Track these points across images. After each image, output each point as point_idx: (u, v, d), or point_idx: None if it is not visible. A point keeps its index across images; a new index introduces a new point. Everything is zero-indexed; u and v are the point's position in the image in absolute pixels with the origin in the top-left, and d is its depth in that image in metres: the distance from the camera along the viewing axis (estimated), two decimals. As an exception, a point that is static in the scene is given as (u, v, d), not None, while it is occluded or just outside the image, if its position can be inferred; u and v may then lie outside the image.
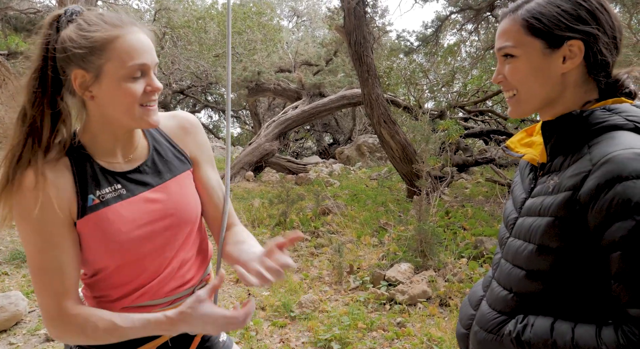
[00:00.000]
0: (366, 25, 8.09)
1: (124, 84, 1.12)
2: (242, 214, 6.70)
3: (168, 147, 1.33)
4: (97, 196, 1.18)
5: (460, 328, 1.26)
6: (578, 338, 0.94)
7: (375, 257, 5.00)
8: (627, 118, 1.01)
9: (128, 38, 1.13)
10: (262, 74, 12.68)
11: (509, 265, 1.12)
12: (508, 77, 1.12)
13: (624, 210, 0.89)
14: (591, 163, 0.96)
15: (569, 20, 1.05)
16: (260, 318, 3.84)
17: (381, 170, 10.95)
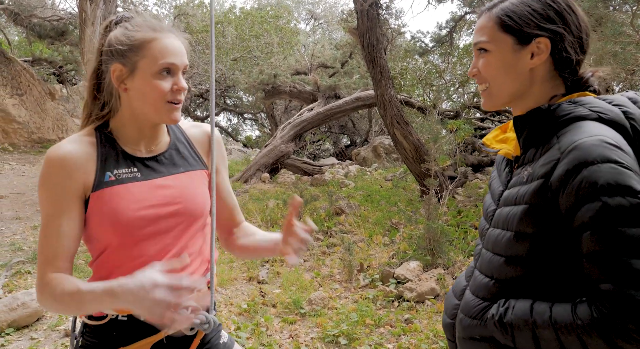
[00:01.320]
0: (379, 27, 8.15)
1: (153, 80, 1.28)
2: (256, 215, 6.81)
3: (187, 148, 1.46)
4: (114, 174, 1.30)
5: (446, 318, 1.31)
6: (555, 316, 1.00)
7: (386, 256, 5.07)
8: (591, 109, 1.09)
9: (163, 41, 1.30)
10: (278, 77, 12.80)
11: (490, 253, 1.18)
12: (481, 71, 1.20)
13: (591, 193, 0.96)
14: (560, 151, 1.03)
15: (538, 19, 1.13)
16: (271, 314, 3.94)
17: (397, 171, 10.98)
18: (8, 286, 4.61)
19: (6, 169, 11.11)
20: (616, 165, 0.96)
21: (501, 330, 1.08)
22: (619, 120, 1.08)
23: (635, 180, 0.95)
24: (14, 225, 6.93)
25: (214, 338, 1.52)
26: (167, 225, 1.35)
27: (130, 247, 1.31)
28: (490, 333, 1.12)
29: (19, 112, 13.27)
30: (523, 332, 1.04)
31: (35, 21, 14.06)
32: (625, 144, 1.03)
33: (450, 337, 1.29)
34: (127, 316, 1.35)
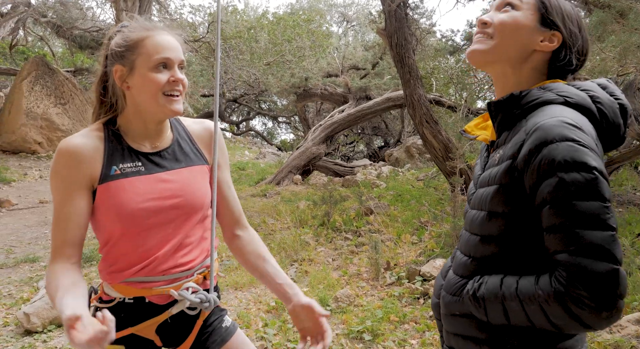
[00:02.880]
0: (408, 27, 8.15)
1: (150, 74, 1.38)
2: (287, 216, 6.92)
3: (189, 144, 1.57)
4: (119, 168, 1.42)
5: (433, 298, 1.38)
6: (521, 287, 1.06)
7: (413, 254, 5.08)
8: (558, 93, 1.15)
9: (156, 38, 1.41)
10: (309, 80, 12.93)
11: (467, 233, 1.25)
12: (496, 23, 1.22)
13: (549, 169, 1.02)
14: (525, 133, 1.10)
15: (567, 16, 1.22)
16: (298, 311, 4.02)
17: (429, 171, 10.92)
18: (50, 285, 4.84)
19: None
20: (573, 143, 1.02)
21: (475, 304, 1.15)
22: (585, 104, 1.13)
23: (591, 157, 1.01)
24: (57, 228, 7.26)
25: (216, 321, 1.62)
26: (169, 217, 1.45)
27: (133, 237, 1.42)
28: (467, 309, 1.18)
29: (62, 120, 13.83)
30: (494, 305, 1.10)
31: (77, 33, 14.63)
32: (587, 125, 1.08)
33: (437, 316, 1.35)
34: (133, 298, 1.47)
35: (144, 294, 1.47)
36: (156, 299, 1.50)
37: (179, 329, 1.55)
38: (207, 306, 1.51)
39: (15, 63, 16.30)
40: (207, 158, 1.59)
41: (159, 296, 1.49)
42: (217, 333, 1.61)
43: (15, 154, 13.04)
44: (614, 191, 7.56)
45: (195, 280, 1.53)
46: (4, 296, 4.70)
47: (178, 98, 1.43)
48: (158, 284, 1.47)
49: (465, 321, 1.20)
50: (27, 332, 3.91)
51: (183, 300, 1.49)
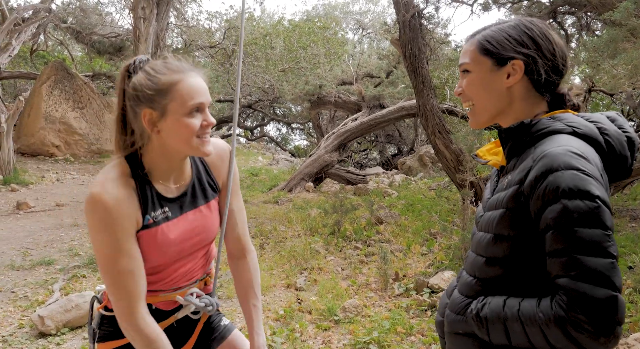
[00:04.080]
0: (422, 38, 8.19)
1: (185, 119, 1.38)
2: (297, 224, 6.97)
3: (205, 176, 1.62)
4: (152, 217, 1.47)
5: (438, 316, 1.42)
6: (522, 309, 1.10)
7: (422, 265, 5.10)
8: (567, 124, 1.20)
9: (188, 82, 1.39)
10: (323, 87, 13.00)
11: (474, 254, 1.30)
12: (465, 90, 1.34)
13: (554, 196, 1.06)
14: (532, 160, 1.15)
15: (513, 43, 1.26)
16: (306, 321, 4.06)
17: (442, 180, 10.91)
18: (65, 289, 4.94)
19: (67, 179, 11.80)
20: (578, 171, 1.06)
21: (477, 324, 1.19)
22: (593, 135, 1.18)
23: (594, 186, 1.05)
24: (72, 231, 7.38)
25: (215, 320, 1.76)
26: (189, 251, 1.58)
27: (157, 269, 1.54)
28: (470, 329, 1.22)
29: (80, 124, 14.06)
30: (496, 325, 1.14)
31: (95, 38, 14.90)
32: (592, 155, 1.13)
33: (440, 334, 1.40)
34: None
35: (151, 301, 1.57)
36: (162, 305, 1.62)
37: (182, 331, 1.68)
38: (210, 309, 1.64)
39: (35, 68, 16.62)
40: (220, 183, 1.65)
41: (165, 302, 1.61)
42: (217, 331, 1.76)
43: (34, 157, 13.29)
44: (627, 205, 7.50)
45: (197, 285, 1.67)
46: (20, 298, 4.81)
47: (209, 139, 1.45)
48: (165, 292, 1.59)
49: (467, 341, 1.24)
50: (41, 334, 3.99)
51: (189, 305, 1.62)
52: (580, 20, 9.42)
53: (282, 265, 5.49)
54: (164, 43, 10.63)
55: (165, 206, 1.49)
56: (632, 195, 8.04)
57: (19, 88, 17.98)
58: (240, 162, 16.66)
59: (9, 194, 9.92)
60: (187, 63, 1.45)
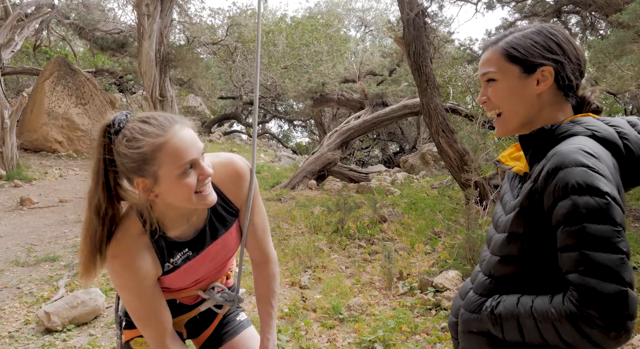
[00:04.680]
0: (426, 36, 8.19)
1: (179, 182, 1.31)
2: (301, 221, 6.99)
3: (221, 204, 1.57)
4: (171, 262, 1.51)
5: (451, 318, 1.44)
6: (535, 306, 1.11)
7: (426, 264, 5.12)
8: (587, 127, 1.21)
9: (172, 141, 1.29)
10: (326, 85, 13.00)
11: (489, 254, 1.31)
12: (492, 98, 1.32)
13: (564, 192, 1.08)
14: (546, 159, 1.16)
15: (541, 50, 1.26)
16: (311, 319, 4.08)
17: (444, 178, 10.92)
18: (70, 285, 4.96)
19: (70, 175, 11.81)
20: (587, 169, 1.07)
21: (492, 321, 1.20)
22: (612, 139, 1.18)
23: (603, 183, 1.06)
24: (76, 228, 7.40)
25: (232, 314, 1.83)
26: (208, 272, 1.64)
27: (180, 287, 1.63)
28: (485, 327, 1.24)
29: (83, 120, 14.07)
30: (510, 322, 1.16)
31: (98, 34, 14.86)
32: (606, 157, 1.14)
33: (454, 335, 1.41)
34: None
35: (175, 297, 1.66)
36: (186, 300, 1.70)
37: (202, 322, 1.76)
38: (231, 304, 1.70)
39: (38, 63, 16.61)
40: (238, 205, 1.62)
41: (188, 297, 1.69)
42: (230, 325, 1.81)
43: (37, 152, 13.29)
44: (630, 205, 7.51)
45: (220, 280, 1.74)
46: (25, 294, 4.83)
47: (208, 190, 1.39)
48: (187, 290, 1.68)
49: (481, 339, 1.26)
50: (48, 331, 4.02)
51: (211, 299, 1.70)
52: (584, 19, 9.41)
53: (285, 262, 5.50)
54: (168, 40, 10.62)
55: (184, 248, 1.51)
56: (635, 195, 8.05)
57: (22, 84, 17.99)
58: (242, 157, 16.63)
59: (12, 190, 9.94)
60: (168, 115, 1.35)
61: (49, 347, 3.74)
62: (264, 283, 1.73)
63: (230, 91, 22.81)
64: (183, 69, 11.34)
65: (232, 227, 1.60)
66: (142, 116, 1.34)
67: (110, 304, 4.54)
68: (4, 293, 4.88)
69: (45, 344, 3.78)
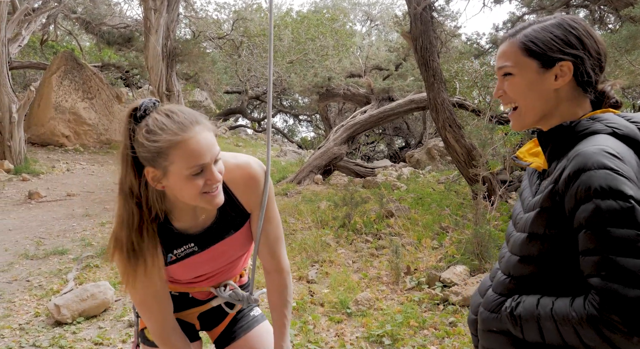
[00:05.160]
0: (433, 30, 8.15)
1: (187, 181, 1.32)
2: (307, 216, 7.00)
3: (232, 206, 1.56)
4: (174, 254, 1.52)
5: (470, 315, 1.43)
6: (556, 308, 1.11)
7: (434, 259, 5.12)
8: (607, 124, 1.18)
9: (189, 142, 1.29)
10: (332, 80, 12.98)
11: (509, 253, 1.30)
12: (508, 92, 1.30)
13: (586, 195, 1.06)
14: (567, 159, 1.15)
15: (560, 44, 1.23)
16: (319, 313, 4.09)
17: (450, 173, 10.89)
18: (79, 278, 5.00)
19: (77, 169, 11.87)
20: (611, 171, 1.06)
21: (512, 322, 1.20)
22: (633, 135, 1.16)
23: (627, 186, 1.04)
24: (84, 221, 7.45)
25: (247, 309, 1.85)
26: (216, 270, 1.67)
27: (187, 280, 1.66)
28: (505, 326, 1.23)
29: (89, 114, 14.12)
30: (530, 324, 1.15)
31: (105, 29, 14.88)
32: (629, 156, 1.12)
33: (473, 332, 1.41)
34: (179, 293, 1.69)
35: (187, 290, 1.69)
36: (198, 295, 1.73)
37: (216, 316, 1.79)
38: (241, 303, 1.73)
39: (45, 58, 16.66)
40: (249, 208, 1.60)
41: (201, 292, 1.72)
42: (245, 320, 1.82)
43: (44, 147, 13.36)
44: None
45: (233, 278, 1.76)
46: (35, 287, 4.87)
47: (216, 192, 1.39)
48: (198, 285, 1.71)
49: (501, 338, 1.25)
50: (57, 323, 4.05)
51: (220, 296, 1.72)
52: (593, 13, 9.34)
53: (293, 257, 5.52)
54: (174, 34, 10.62)
55: (189, 242, 1.52)
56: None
57: (29, 78, 18.05)
58: (248, 153, 16.60)
59: (20, 184, 10.00)
60: (193, 114, 1.36)
61: (59, 339, 3.77)
62: (276, 293, 1.71)
63: (236, 86, 22.81)
64: (189, 64, 11.36)
65: (241, 230, 1.60)
66: (167, 109, 1.35)
67: (119, 298, 4.57)
68: (14, 285, 4.92)
69: (55, 337, 3.82)
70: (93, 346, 3.70)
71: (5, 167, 10.52)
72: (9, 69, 10.78)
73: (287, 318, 1.71)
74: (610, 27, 9.45)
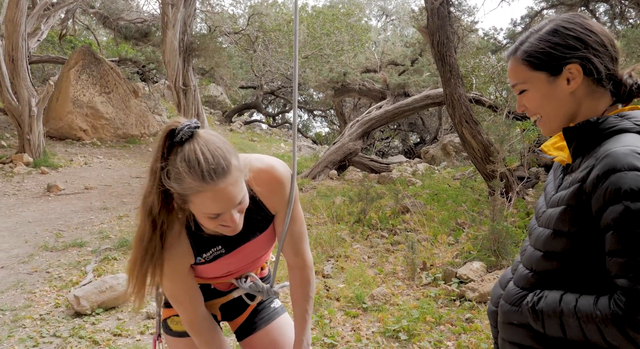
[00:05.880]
0: (450, 25, 8.09)
1: (204, 217, 1.37)
2: (323, 211, 7.01)
3: (257, 209, 1.58)
4: (203, 257, 1.57)
5: (490, 306, 1.44)
6: (579, 306, 1.11)
7: (450, 255, 5.10)
8: (635, 123, 1.18)
9: (210, 195, 1.29)
10: (347, 75, 12.95)
11: (532, 248, 1.30)
12: (528, 106, 1.32)
13: (615, 197, 1.06)
14: (595, 159, 1.14)
15: (561, 50, 1.23)
16: (335, 308, 4.11)
17: (466, 169, 10.83)
18: (97, 270, 5.07)
19: (95, 162, 12.00)
20: None
21: (533, 316, 1.20)
22: None
23: None
24: (102, 214, 7.54)
25: (267, 301, 1.88)
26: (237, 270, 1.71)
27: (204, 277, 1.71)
28: (525, 319, 1.24)
29: (106, 109, 14.25)
30: (552, 319, 1.16)
31: (122, 23, 14.99)
32: None
33: (493, 323, 1.41)
34: (200, 284, 1.71)
35: (209, 282, 1.73)
36: (220, 286, 1.76)
37: (237, 307, 1.83)
38: (261, 295, 1.75)
39: (63, 52, 16.84)
40: (273, 211, 1.62)
41: (222, 284, 1.76)
42: (265, 312, 1.86)
43: (62, 140, 13.52)
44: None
45: (254, 270, 1.78)
46: (55, 278, 4.95)
47: (235, 223, 1.40)
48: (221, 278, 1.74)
49: (522, 331, 1.26)
50: (77, 314, 4.12)
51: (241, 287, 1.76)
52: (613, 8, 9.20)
53: (308, 251, 5.53)
54: (191, 29, 10.67)
55: (217, 245, 1.56)
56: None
57: (47, 73, 18.25)
58: (262, 148, 16.74)
59: (39, 176, 10.14)
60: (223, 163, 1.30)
61: (79, 330, 3.83)
62: (299, 288, 1.73)
63: (251, 81, 22.87)
64: (206, 58, 11.41)
65: (265, 231, 1.63)
66: (202, 146, 1.30)
67: (137, 290, 4.62)
68: (34, 276, 5.01)
69: (75, 327, 3.88)
70: (112, 337, 3.76)
71: (24, 160, 10.68)
72: (28, 63, 10.92)
73: (309, 312, 1.73)
74: (631, 22, 9.31)
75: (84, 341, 3.67)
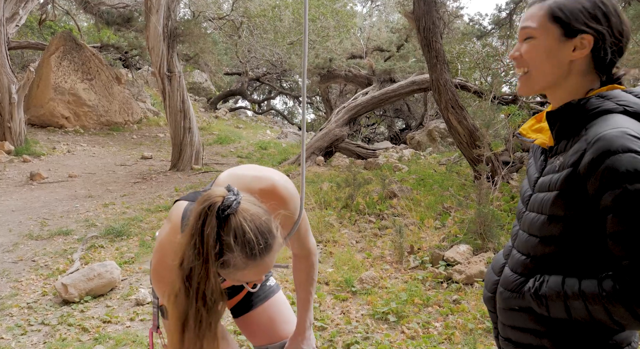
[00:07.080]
0: (436, 11, 8.08)
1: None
2: (310, 197, 7.03)
3: None
4: None
5: (486, 293, 1.45)
6: (584, 288, 1.14)
7: (437, 239, 5.16)
8: (618, 102, 1.19)
9: (254, 268, 1.28)
10: (333, 61, 12.90)
11: (526, 234, 1.31)
12: (524, 55, 1.29)
13: (613, 179, 1.08)
14: (586, 142, 1.15)
15: (586, 16, 1.22)
16: (324, 291, 4.14)
17: (451, 155, 10.90)
18: (84, 258, 5.04)
19: (78, 150, 11.86)
20: (636, 154, 1.07)
21: (537, 302, 1.22)
22: None
23: None
24: (87, 202, 7.47)
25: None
26: None
27: None
28: (527, 304, 1.26)
29: (89, 95, 14.04)
30: (556, 303, 1.18)
31: (104, 8, 14.69)
32: None
33: (491, 309, 1.43)
34: None
35: None
36: None
37: (234, 287, 1.83)
38: None
39: (43, 38, 16.51)
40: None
41: None
42: (261, 290, 1.87)
43: (44, 128, 13.32)
44: None
45: None
46: (41, 267, 4.91)
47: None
48: None
49: (523, 315, 1.28)
50: (65, 302, 4.10)
51: None
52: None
53: (296, 237, 5.55)
54: (175, 14, 10.52)
55: None
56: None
57: (27, 59, 17.89)
58: (248, 135, 16.64)
59: (21, 165, 10.00)
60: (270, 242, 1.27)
61: (68, 317, 3.82)
62: (304, 272, 1.77)
63: (236, 67, 22.66)
64: (190, 44, 11.26)
65: None
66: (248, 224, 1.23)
67: (125, 277, 4.61)
68: (20, 265, 4.96)
69: (63, 315, 3.86)
70: (102, 323, 3.75)
71: (5, 148, 10.51)
72: (7, 49, 10.69)
73: (312, 294, 1.78)
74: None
75: (73, 328, 3.66)
